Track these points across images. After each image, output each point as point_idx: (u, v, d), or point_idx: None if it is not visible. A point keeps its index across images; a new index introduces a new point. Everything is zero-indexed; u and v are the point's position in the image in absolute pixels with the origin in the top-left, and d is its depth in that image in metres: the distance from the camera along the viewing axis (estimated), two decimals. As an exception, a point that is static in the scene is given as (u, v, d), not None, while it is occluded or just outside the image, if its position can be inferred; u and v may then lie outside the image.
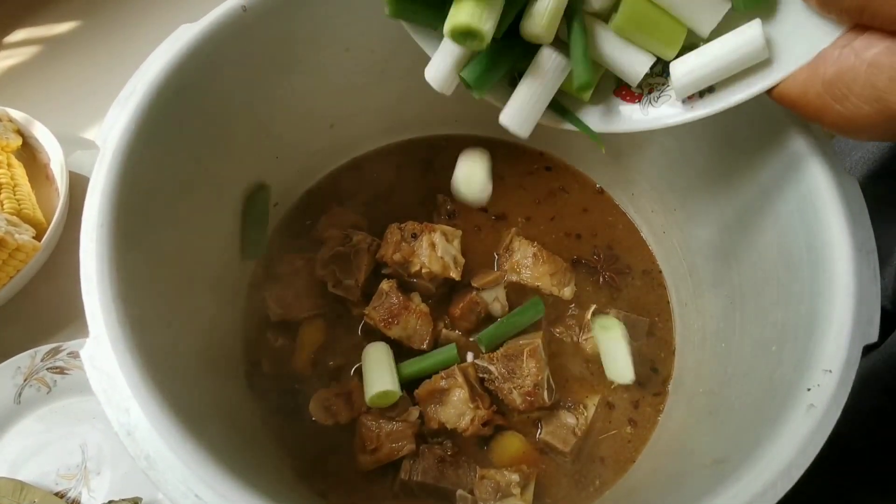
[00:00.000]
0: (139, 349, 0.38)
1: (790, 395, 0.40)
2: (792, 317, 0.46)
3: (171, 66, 0.49)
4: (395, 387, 0.58)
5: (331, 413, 0.59)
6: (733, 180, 0.55)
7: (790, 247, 0.48)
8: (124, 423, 0.36)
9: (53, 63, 0.95)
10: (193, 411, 0.40)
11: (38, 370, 0.70)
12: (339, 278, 0.65)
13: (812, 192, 0.45)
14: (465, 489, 0.57)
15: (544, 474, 0.60)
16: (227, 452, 0.39)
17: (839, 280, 0.42)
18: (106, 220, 0.41)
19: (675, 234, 0.67)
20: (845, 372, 0.39)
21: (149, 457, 0.35)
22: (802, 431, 0.38)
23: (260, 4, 0.52)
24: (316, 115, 0.66)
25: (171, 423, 0.36)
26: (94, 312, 0.38)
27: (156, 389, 0.37)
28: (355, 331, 0.65)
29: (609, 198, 0.74)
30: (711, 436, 0.50)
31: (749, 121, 0.51)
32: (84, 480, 0.67)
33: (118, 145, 0.44)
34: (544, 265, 0.66)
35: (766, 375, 0.46)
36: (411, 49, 0.64)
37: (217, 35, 0.51)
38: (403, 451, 0.58)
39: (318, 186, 0.74)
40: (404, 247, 0.65)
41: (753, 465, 0.37)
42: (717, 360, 0.57)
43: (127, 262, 0.41)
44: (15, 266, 0.71)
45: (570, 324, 0.67)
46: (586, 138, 0.44)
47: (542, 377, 0.59)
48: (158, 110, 0.47)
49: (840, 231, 0.43)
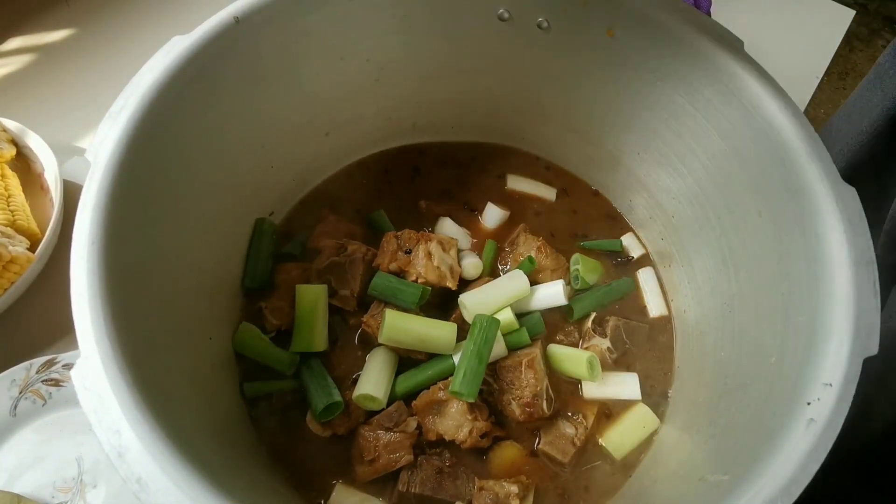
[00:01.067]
0: (131, 369, 0.37)
1: (790, 409, 0.40)
2: (791, 328, 0.46)
3: (163, 79, 0.48)
4: (381, 395, 0.58)
5: (328, 424, 0.59)
6: (731, 188, 0.55)
7: (789, 257, 0.48)
8: (115, 445, 0.35)
9: (48, 72, 0.94)
10: (187, 431, 0.40)
11: (34, 382, 0.69)
12: (335, 288, 0.64)
13: (811, 203, 0.45)
14: (464, 500, 0.57)
15: (543, 485, 0.59)
16: (221, 470, 0.39)
17: (839, 292, 0.42)
18: (97, 237, 0.40)
19: (674, 242, 0.67)
20: (845, 386, 0.39)
21: (140, 479, 0.34)
22: (802, 447, 0.37)
23: (252, 16, 0.52)
24: (311, 124, 0.66)
25: (164, 444, 0.35)
26: (85, 332, 0.38)
27: (148, 410, 0.36)
28: (352, 340, 0.65)
29: (606, 201, 0.74)
30: (711, 448, 0.49)
31: (749, 130, 0.51)
32: (80, 493, 0.66)
33: (109, 161, 0.43)
34: (547, 259, 0.67)
35: (765, 388, 0.46)
36: (406, 58, 0.64)
37: (209, 46, 0.50)
38: (401, 462, 0.57)
39: (312, 195, 0.73)
40: (400, 256, 0.64)
41: (753, 482, 0.37)
42: (716, 369, 0.56)
43: (119, 281, 0.40)
44: (9, 278, 0.70)
45: (569, 330, 0.66)
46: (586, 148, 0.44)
47: (540, 388, 0.59)
48: (150, 124, 0.47)
49: (839, 243, 0.42)
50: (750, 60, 0.51)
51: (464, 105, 0.72)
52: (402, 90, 0.68)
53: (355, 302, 0.64)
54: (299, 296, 0.63)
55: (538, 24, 0.59)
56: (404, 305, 0.62)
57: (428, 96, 0.70)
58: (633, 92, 0.60)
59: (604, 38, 0.57)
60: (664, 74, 0.56)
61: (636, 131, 0.63)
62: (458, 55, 0.65)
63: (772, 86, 0.49)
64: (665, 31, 0.53)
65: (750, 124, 0.51)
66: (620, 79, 0.60)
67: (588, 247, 0.71)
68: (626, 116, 0.63)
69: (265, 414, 0.60)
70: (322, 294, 0.63)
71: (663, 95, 0.58)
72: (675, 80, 0.56)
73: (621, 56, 0.58)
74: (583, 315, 0.66)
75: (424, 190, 0.74)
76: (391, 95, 0.68)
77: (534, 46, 0.62)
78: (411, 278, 0.63)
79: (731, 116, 0.53)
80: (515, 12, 0.59)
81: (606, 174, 0.72)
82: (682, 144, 0.59)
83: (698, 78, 0.54)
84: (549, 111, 0.69)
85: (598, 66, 0.60)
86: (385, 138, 0.75)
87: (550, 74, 0.64)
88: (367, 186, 0.74)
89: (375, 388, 0.58)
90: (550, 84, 0.65)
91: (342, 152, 0.73)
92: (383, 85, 0.66)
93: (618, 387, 0.63)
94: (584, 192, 0.75)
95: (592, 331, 0.66)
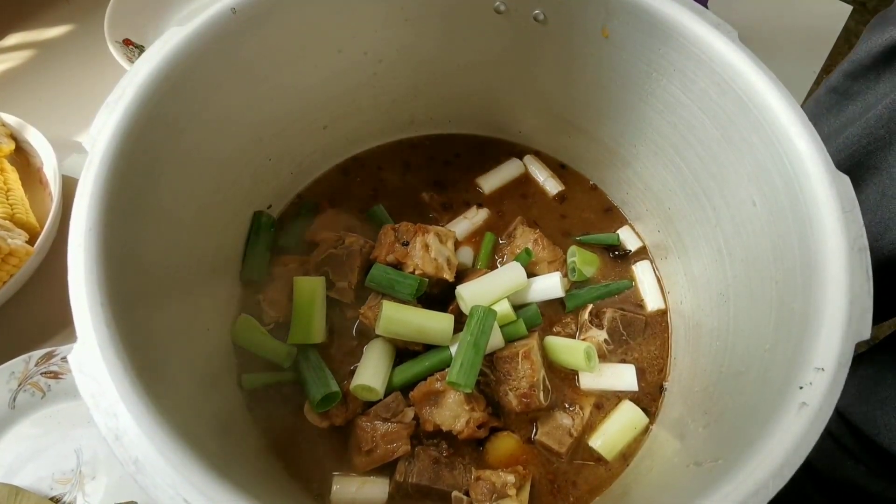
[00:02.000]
0: (127, 353, 0.38)
1: (783, 394, 0.40)
2: (785, 314, 0.46)
3: (160, 70, 0.48)
4: (378, 386, 0.58)
5: (326, 415, 0.59)
6: (727, 178, 0.55)
7: (783, 245, 0.48)
8: (112, 428, 0.35)
9: (47, 68, 0.95)
10: (183, 415, 0.40)
11: (32, 375, 0.69)
12: (333, 280, 0.64)
13: (805, 191, 0.45)
14: (461, 490, 0.57)
15: (539, 475, 0.59)
16: (218, 456, 0.39)
17: (832, 278, 0.42)
18: (94, 224, 0.41)
19: (670, 233, 0.67)
20: (838, 370, 0.39)
21: (137, 461, 0.35)
22: (795, 430, 0.38)
23: (249, 7, 0.52)
24: (309, 116, 0.66)
25: (160, 426, 0.36)
26: (81, 316, 0.38)
27: (144, 393, 0.36)
28: (350, 332, 0.65)
29: (603, 194, 0.74)
30: (706, 434, 0.50)
31: (744, 120, 0.51)
32: (79, 485, 0.66)
33: (106, 149, 0.44)
34: (544, 251, 0.67)
35: (759, 374, 0.46)
36: (403, 51, 0.65)
37: (207, 38, 0.51)
38: (399, 452, 0.58)
39: (311, 188, 0.73)
40: (398, 248, 0.65)
41: (746, 464, 0.37)
42: (712, 357, 0.57)
43: (115, 267, 0.41)
44: (8, 271, 0.71)
45: (566, 322, 0.67)
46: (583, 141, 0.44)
47: (537, 378, 0.59)
48: (147, 114, 0.47)
49: (833, 229, 0.43)
50: (745, 51, 0.51)
51: (460, 99, 0.72)
52: (400, 83, 0.68)
53: (353, 294, 0.65)
54: (297, 288, 0.63)
55: (534, 16, 0.59)
56: (402, 297, 0.62)
57: (425, 89, 0.70)
58: (628, 83, 0.60)
59: (599, 31, 0.57)
60: (659, 66, 0.56)
61: (632, 123, 0.64)
62: (455, 48, 0.65)
63: (767, 76, 0.50)
64: (660, 22, 0.53)
65: (745, 114, 0.51)
66: (616, 70, 0.60)
67: (585, 241, 0.72)
68: (622, 108, 0.63)
69: (263, 404, 0.61)
70: (320, 286, 0.63)
71: (658, 87, 0.58)
72: (670, 71, 0.56)
73: (617, 48, 0.58)
74: (579, 305, 0.67)
75: (422, 182, 0.74)
76: (389, 89, 0.68)
77: (530, 39, 0.62)
78: (409, 270, 0.63)
79: (726, 107, 0.53)
80: (512, 4, 0.59)
81: (603, 166, 0.72)
82: (677, 135, 0.60)
83: (693, 69, 0.54)
84: (545, 104, 0.69)
85: (593, 58, 0.60)
86: (383, 132, 0.75)
87: (546, 67, 0.65)
88: (365, 179, 0.74)
89: (373, 378, 0.58)
90: (546, 76, 0.66)
91: (340, 145, 0.74)
92: (381, 78, 0.67)
93: (614, 378, 0.64)
94: (581, 185, 0.75)
95: (589, 322, 0.66)
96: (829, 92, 0.81)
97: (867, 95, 0.74)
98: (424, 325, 0.59)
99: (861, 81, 0.76)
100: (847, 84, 0.78)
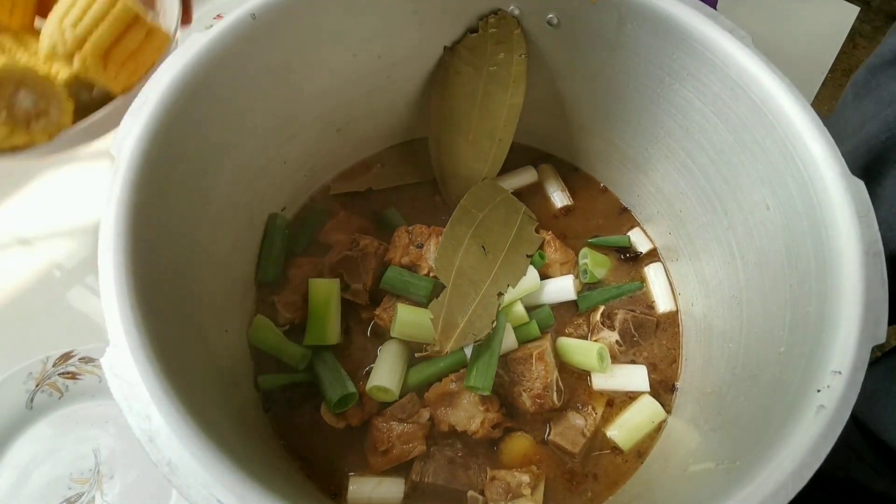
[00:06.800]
0: (158, 357, 0.38)
1: (799, 397, 0.41)
2: (800, 318, 0.46)
3: (182, 75, 0.49)
4: (394, 387, 0.59)
5: (342, 415, 0.60)
6: (739, 182, 0.56)
7: (797, 249, 0.48)
8: (146, 430, 0.36)
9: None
10: (209, 416, 0.41)
11: (50, 375, 0.70)
12: (348, 282, 0.65)
13: (820, 195, 0.46)
14: (476, 490, 0.58)
15: (553, 474, 0.60)
16: (243, 456, 0.40)
17: (847, 282, 0.42)
18: (123, 229, 0.41)
19: (681, 236, 0.67)
20: (854, 373, 0.40)
21: (170, 462, 0.35)
22: (813, 432, 0.38)
23: (269, 13, 0.53)
24: (324, 119, 0.67)
25: (191, 429, 0.36)
26: (113, 321, 0.39)
27: (175, 396, 0.37)
28: (364, 333, 0.66)
29: (614, 197, 0.75)
30: (720, 436, 0.50)
31: (757, 124, 0.51)
32: (97, 484, 0.67)
33: (133, 155, 0.44)
34: (556, 253, 0.68)
35: (774, 377, 0.46)
36: (417, 54, 0.65)
37: (227, 43, 0.51)
38: (414, 453, 0.58)
39: (324, 190, 0.74)
40: (412, 250, 0.65)
41: (764, 466, 0.38)
42: (725, 360, 0.57)
43: (144, 271, 0.41)
44: (151, 56, 0.64)
45: (578, 324, 0.67)
46: (595, 144, 0.45)
47: (550, 379, 0.60)
48: (170, 119, 0.48)
49: (848, 234, 0.43)
50: (758, 55, 0.51)
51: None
52: (414, 86, 0.69)
53: (367, 296, 0.65)
54: (312, 290, 0.64)
55: (548, 20, 0.60)
56: (416, 299, 0.63)
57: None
58: (641, 87, 0.61)
59: (613, 35, 0.58)
60: (673, 70, 0.57)
61: (644, 126, 0.64)
62: (469, 52, 0.66)
63: (780, 80, 0.50)
64: (674, 27, 0.54)
65: (758, 119, 0.52)
66: (629, 74, 0.60)
67: (596, 243, 0.72)
68: (634, 112, 0.64)
69: (280, 405, 0.61)
70: (335, 288, 0.64)
71: (671, 91, 0.58)
72: (683, 75, 0.56)
73: (630, 52, 0.59)
74: (591, 306, 0.67)
75: (436, 184, 0.74)
76: (403, 91, 0.69)
77: (543, 43, 0.62)
78: (423, 272, 0.64)
79: (740, 111, 0.53)
80: (525, 9, 0.60)
81: (614, 170, 0.73)
82: (689, 139, 0.60)
83: (707, 73, 0.54)
84: (558, 107, 0.70)
85: (607, 62, 0.61)
86: (396, 134, 0.76)
87: (559, 71, 0.65)
88: (379, 181, 0.75)
89: (388, 380, 0.59)
90: (559, 80, 0.66)
91: (353, 147, 0.74)
92: (394, 81, 0.67)
93: (626, 379, 0.64)
94: (592, 187, 0.76)
95: (601, 324, 0.66)
96: (852, 86, 0.81)
97: (891, 87, 0.74)
98: None
99: (882, 76, 0.76)
100: (868, 78, 0.78)
